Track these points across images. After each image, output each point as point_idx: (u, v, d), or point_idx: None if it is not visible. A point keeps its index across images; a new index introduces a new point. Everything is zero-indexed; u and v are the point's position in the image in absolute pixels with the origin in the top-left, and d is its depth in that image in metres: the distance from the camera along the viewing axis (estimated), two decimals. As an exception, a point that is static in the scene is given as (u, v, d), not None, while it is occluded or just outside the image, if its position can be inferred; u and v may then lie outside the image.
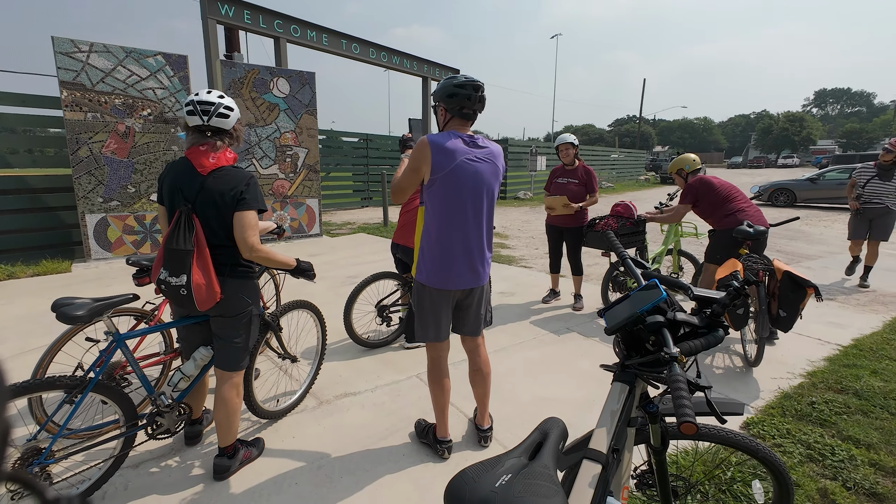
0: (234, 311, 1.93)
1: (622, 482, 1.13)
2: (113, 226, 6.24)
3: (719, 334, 1.08)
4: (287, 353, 2.53)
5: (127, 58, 6.09)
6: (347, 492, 1.96)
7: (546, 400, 2.70)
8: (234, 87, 7.21)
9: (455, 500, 0.77)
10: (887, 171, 4.93)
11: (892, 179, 4.90)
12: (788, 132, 58.62)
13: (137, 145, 6.27)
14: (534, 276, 5.58)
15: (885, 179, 4.92)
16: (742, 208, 3.46)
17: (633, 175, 27.21)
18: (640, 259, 1.41)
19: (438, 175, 1.86)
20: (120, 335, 1.86)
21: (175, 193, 1.82)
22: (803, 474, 2.01)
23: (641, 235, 4.21)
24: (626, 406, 1.15)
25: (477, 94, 1.91)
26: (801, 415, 2.49)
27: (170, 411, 1.98)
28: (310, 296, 4.39)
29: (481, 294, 2.12)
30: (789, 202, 13.52)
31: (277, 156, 7.79)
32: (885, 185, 4.91)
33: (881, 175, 4.96)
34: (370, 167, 12.87)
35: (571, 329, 3.84)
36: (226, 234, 1.85)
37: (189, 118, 1.82)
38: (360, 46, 11.06)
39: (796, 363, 3.15)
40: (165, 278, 1.79)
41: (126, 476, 2.03)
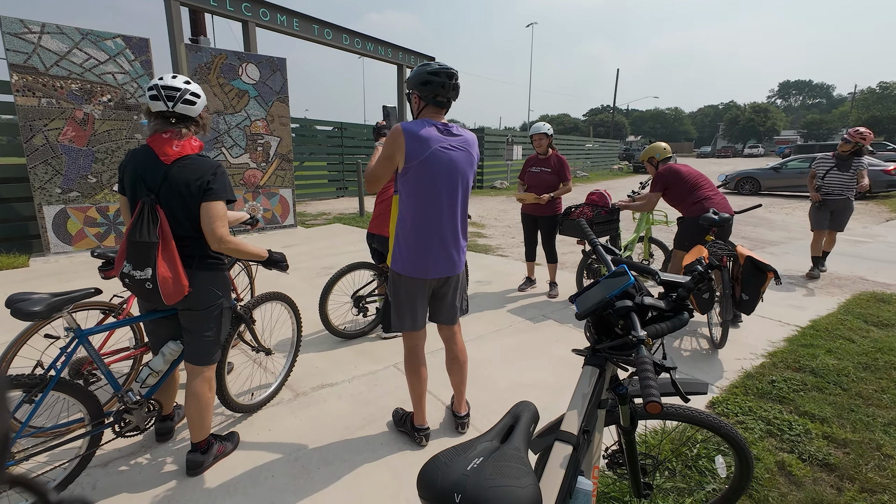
0: (203, 305, 1.88)
1: (593, 462, 1.17)
2: (73, 218, 5.95)
3: (684, 317, 1.11)
4: (261, 346, 2.49)
5: (83, 40, 5.76)
6: (325, 482, 1.96)
7: (522, 386, 2.75)
8: (200, 72, 6.94)
9: (427, 485, 0.78)
10: (845, 162, 4.91)
11: (850, 170, 4.88)
12: (754, 122, 60.60)
13: (97, 133, 5.97)
14: (510, 265, 5.64)
15: (844, 170, 4.90)
16: (709, 196, 3.58)
17: (607, 164, 27.67)
18: (610, 246, 1.44)
19: (413, 163, 1.84)
20: (82, 331, 1.79)
21: (137, 183, 1.75)
22: (763, 448, 2.12)
23: (615, 223, 4.30)
24: (596, 389, 1.18)
25: (451, 82, 1.89)
26: (762, 393, 2.62)
27: (138, 408, 1.92)
28: (285, 287, 4.32)
29: (457, 282, 2.13)
30: (754, 190, 14.04)
31: (248, 145, 7.57)
32: (844, 175, 4.89)
33: (839, 166, 4.93)
34: (345, 156, 12.64)
35: (547, 316, 3.90)
36: (192, 226, 1.78)
37: (152, 103, 1.73)
38: (332, 32, 10.79)
39: (758, 344, 3.30)
40: (129, 272, 1.73)
41: (94, 475, 1.97)
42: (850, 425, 2.30)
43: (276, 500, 1.85)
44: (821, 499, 1.82)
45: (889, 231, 7.55)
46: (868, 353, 3.07)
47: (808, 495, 1.85)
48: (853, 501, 1.81)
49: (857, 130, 4.88)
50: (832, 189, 4.96)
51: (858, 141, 4.81)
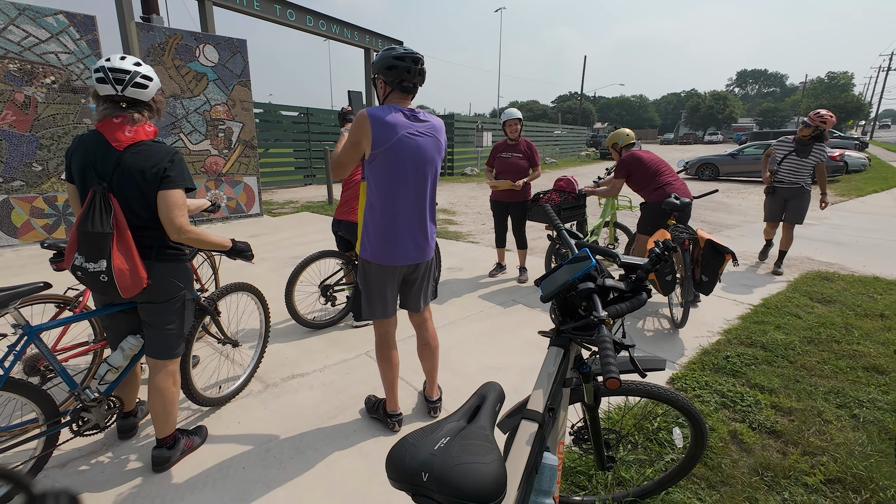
0: (164, 297, 1.82)
1: (558, 438, 1.21)
2: (18, 209, 5.58)
3: (643, 297, 1.16)
4: (227, 338, 2.44)
5: (20, 16, 5.33)
6: (297, 471, 1.95)
7: (493, 369, 2.81)
8: (153, 53, 6.56)
9: (396, 466, 0.79)
10: (805, 147, 4.52)
11: (809, 156, 4.50)
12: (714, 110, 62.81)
13: (41, 118, 5.58)
14: (480, 251, 5.69)
15: (803, 156, 4.51)
16: (669, 181, 3.70)
17: (575, 151, 28.13)
18: (574, 231, 1.48)
19: (379, 150, 1.82)
20: (31, 327, 1.70)
21: (87, 170, 1.65)
22: (717, 419, 2.26)
23: (582, 209, 4.40)
24: (561, 368, 1.22)
25: (416, 67, 1.87)
26: (717, 368, 2.77)
27: (97, 405, 1.85)
28: (252, 278, 4.22)
29: (427, 269, 2.13)
30: (713, 176, 14.63)
31: (209, 130, 7.25)
32: (803, 161, 4.51)
33: (799, 151, 4.54)
34: (312, 143, 12.33)
35: (517, 301, 3.98)
36: (149, 215, 1.71)
37: (99, 86, 1.63)
38: (296, 13, 10.42)
39: (715, 322, 3.48)
40: (81, 264, 1.64)
41: (52, 476, 1.89)
42: (794, 395, 2.48)
43: (247, 492, 1.84)
44: (768, 463, 1.96)
45: (833, 214, 8.04)
46: (812, 328, 3.29)
47: (756, 460, 1.98)
48: (796, 464, 1.95)
49: (817, 113, 4.44)
50: (786, 176, 4.62)
51: (819, 125, 4.41)
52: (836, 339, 3.13)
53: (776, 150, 4.77)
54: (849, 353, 2.92)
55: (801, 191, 4.60)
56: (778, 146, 4.77)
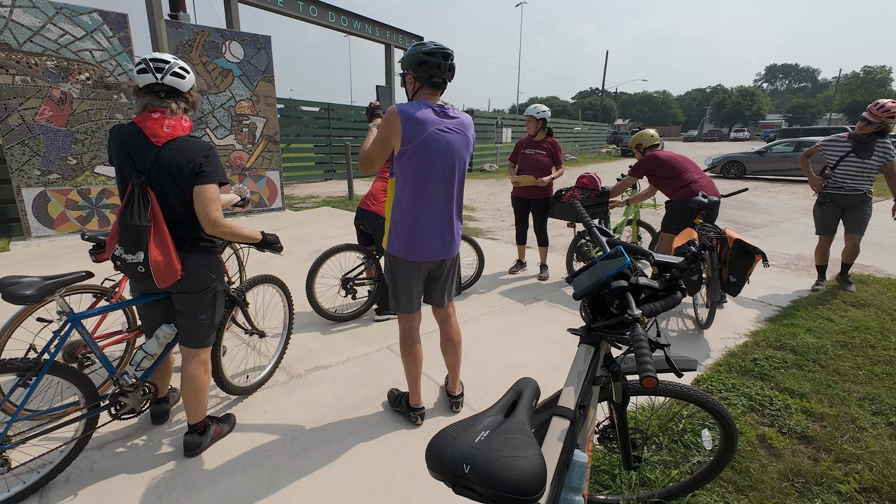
0: (197, 288, 1.87)
1: (587, 436, 1.21)
2: (54, 201, 5.79)
3: (678, 296, 1.15)
4: (254, 329, 2.49)
5: (58, 14, 5.52)
6: (323, 461, 1.99)
7: (514, 365, 2.81)
8: (181, 50, 6.71)
9: (436, 457, 0.80)
10: (866, 146, 3.77)
11: (872, 156, 3.75)
12: (741, 106, 61.03)
13: (76, 113, 5.78)
14: (501, 248, 5.67)
15: (864, 157, 3.75)
16: (696, 179, 3.62)
17: (596, 148, 27.74)
18: (606, 228, 1.47)
19: (409, 146, 1.83)
20: (74, 315, 1.77)
21: (125, 163, 1.70)
22: (745, 423, 2.22)
23: (604, 206, 4.35)
24: (591, 366, 1.22)
25: (447, 63, 1.87)
26: (745, 370, 2.72)
27: (134, 391, 1.92)
28: (275, 271, 4.30)
29: (452, 265, 2.14)
30: (739, 174, 14.23)
31: (234, 125, 7.39)
32: (864, 163, 3.75)
33: (858, 151, 3.78)
34: (332, 138, 12.45)
35: (538, 298, 3.96)
36: (184, 209, 1.76)
37: (140, 77, 1.68)
38: (318, 9, 10.51)
39: (741, 324, 3.40)
40: (121, 255, 1.70)
41: (91, 458, 1.98)
42: (827, 400, 2.41)
43: (275, 479, 1.88)
44: (799, 469, 1.91)
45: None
46: (846, 332, 3.19)
47: (786, 466, 1.94)
48: (829, 471, 1.90)
49: (880, 106, 3.67)
50: (846, 181, 3.85)
51: (885, 120, 3.66)
52: (872, 343, 3.02)
53: (827, 152, 3.99)
54: (885, 359, 2.82)
55: (864, 198, 3.86)
56: (829, 146, 4.00)
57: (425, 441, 2.12)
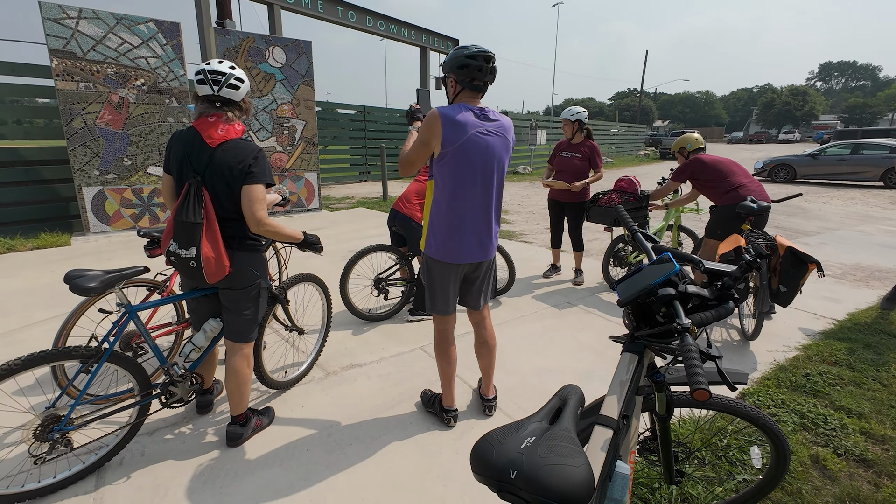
0: (243, 284, 1.95)
1: (629, 447, 1.18)
2: (111, 199, 6.18)
3: (730, 306, 1.10)
4: (294, 325, 2.57)
5: (118, 25, 5.89)
6: (357, 458, 2.03)
7: (548, 371, 2.76)
8: (228, 55, 7.01)
9: (482, 461, 0.80)
10: None
11: None
12: (791, 106, 57.82)
13: (132, 117, 6.14)
14: (534, 251, 5.61)
15: None
16: (743, 183, 3.46)
17: (633, 150, 26.99)
18: (650, 234, 1.42)
19: (449, 148, 1.84)
20: (132, 306, 1.88)
21: (184, 164, 1.80)
22: (796, 442, 2.09)
23: (644, 211, 4.22)
24: (634, 375, 1.18)
25: (488, 66, 1.87)
26: (796, 386, 2.57)
27: (182, 381, 2.01)
28: (312, 270, 4.41)
29: (488, 268, 2.14)
30: (789, 178, 13.49)
31: (275, 128, 7.66)
32: None
33: None
34: (368, 140, 12.67)
35: (572, 303, 3.89)
36: (234, 208, 1.84)
37: (199, 87, 1.78)
38: (356, 14, 10.73)
39: (792, 336, 3.22)
40: (175, 250, 1.80)
41: (142, 443, 2.09)
42: (889, 422, 2.24)
43: (311, 473, 1.93)
44: (857, 494, 1.79)
45: (935, 222, 7.17)
46: (910, 349, 2.96)
47: (843, 490, 1.82)
48: (891, 498, 1.77)
49: None
50: None
51: None
52: (940, 362, 2.79)
53: None
54: (956, 380, 2.60)
55: None
56: None
57: (458, 443, 2.12)
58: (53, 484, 1.76)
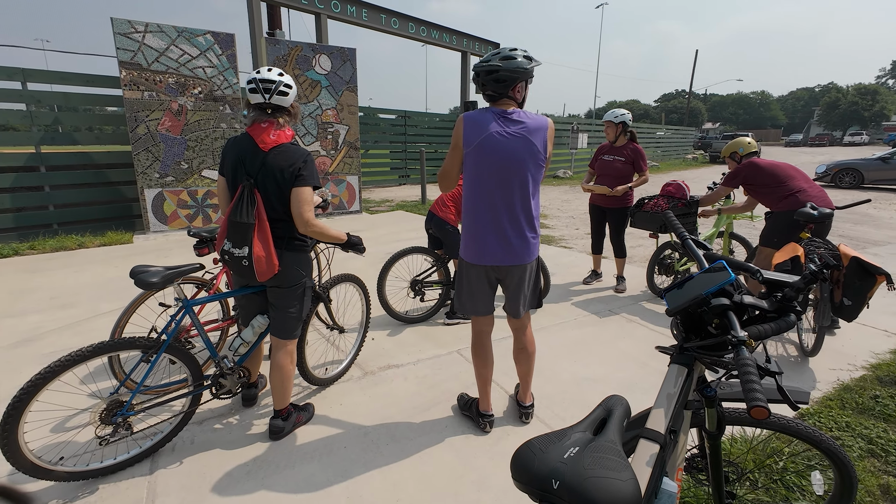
0: (290, 283, 2.02)
1: (676, 464, 1.12)
2: (168, 200, 6.59)
3: (791, 319, 1.03)
4: (335, 324, 2.64)
5: (179, 37, 6.29)
6: (393, 458, 2.05)
7: (587, 380, 2.69)
8: (277, 64, 7.33)
9: (523, 470, 0.79)
10: None
11: None
12: (858, 106, 53.64)
13: (189, 123, 6.53)
14: (574, 257, 5.49)
15: None
16: (803, 188, 3.23)
17: (680, 153, 25.90)
18: (702, 241, 1.36)
19: (468, 149, 1.90)
20: (188, 301, 1.99)
21: (238, 168, 1.90)
22: (863, 469, 1.93)
23: (693, 217, 4.04)
24: (683, 389, 1.13)
25: (479, 78, 1.89)
26: (863, 408, 2.37)
27: (231, 374, 2.11)
28: (350, 270, 4.51)
29: (523, 274, 2.06)
30: (855, 183, 12.51)
31: (319, 133, 7.92)
32: None
33: None
34: (408, 144, 12.86)
35: (613, 311, 3.77)
36: (283, 209, 1.92)
37: (251, 96, 1.88)
38: (399, 21, 10.93)
39: (858, 354, 2.98)
40: (229, 249, 1.89)
41: (192, 431, 2.21)
42: (974, 453, 2.02)
43: (348, 470, 1.97)
44: (935, 531, 1.63)
45: None
46: None
47: (918, 525, 1.66)
48: (977, 538, 1.60)
49: None
50: None
51: None
52: None
53: None
54: None
55: None
56: None
57: (493, 449, 2.10)
58: (114, 465, 1.89)
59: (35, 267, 4.94)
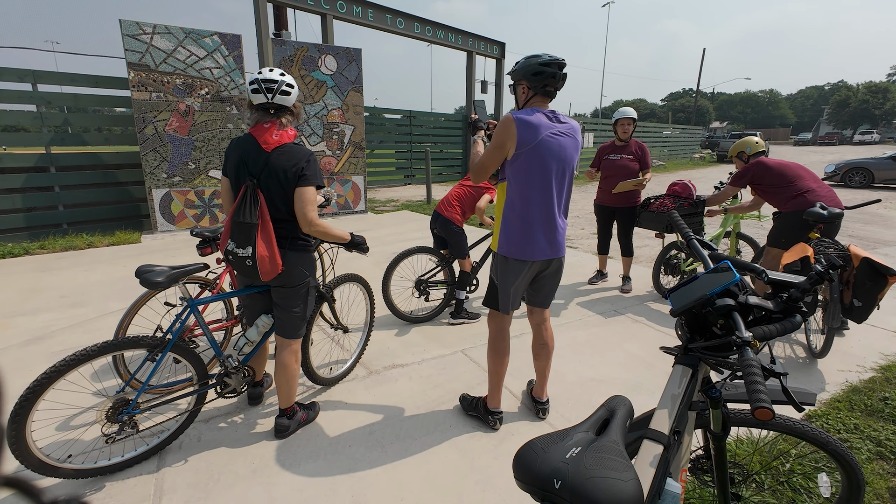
0: (293, 282, 2.03)
1: (681, 465, 1.12)
2: (176, 200, 6.64)
3: (796, 320, 1.02)
4: (340, 324, 2.64)
5: (186, 38, 6.34)
6: (397, 456, 2.05)
7: (593, 381, 2.68)
8: (284, 64, 7.37)
9: (525, 469, 0.79)
10: None
11: None
12: (869, 105, 52.97)
13: (196, 123, 6.58)
14: (579, 257, 5.47)
15: None
16: (812, 188, 3.20)
17: (688, 153, 25.70)
18: (707, 241, 1.35)
19: (524, 149, 1.90)
20: (193, 301, 2.01)
21: (241, 168, 1.91)
22: (872, 471, 1.91)
23: (699, 217, 4.01)
24: (688, 389, 1.12)
25: (561, 73, 1.95)
26: (872, 410, 2.34)
27: (236, 373, 2.13)
28: (355, 270, 4.53)
29: (559, 266, 2.15)
30: (866, 182, 12.36)
31: (325, 133, 7.95)
32: None
33: None
34: (413, 144, 12.86)
35: (619, 312, 3.75)
36: (286, 209, 1.93)
37: (254, 96, 1.88)
38: (404, 21, 10.94)
39: (867, 356, 2.94)
40: (233, 249, 1.91)
41: (199, 429, 2.22)
42: None
43: (353, 469, 1.97)
44: (945, 535, 1.60)
45: None
46: None
47: (928, 529, 1.63)
48: None
49: None
50: None
51: None
52: None
53: None
54: None
55: None
56: None
57: (498, 449, 2.10)
58: (121, 462, 1.91)
59: (45, 266, 5.00)
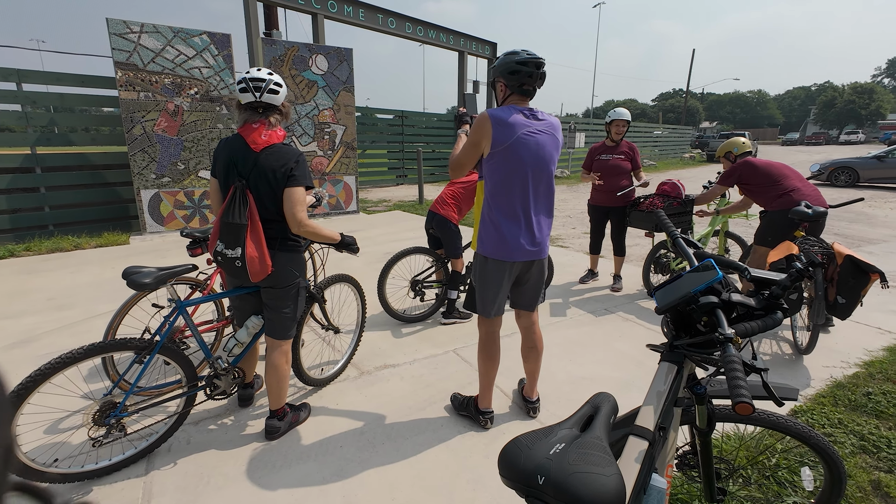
0: (283, 283, 2.02)
1: (666, 460, 1.13)
2: (165, 201, 6.57)
3: (778, 317, 1.04)
4: (331, 325, 2.64)
5: (175, 37, 6.28)
6: (389, 457, 2.05)
7: (584, 379, 2.70)
8: (274, 64, 7.32)
9: (509, 466, 0.80)
10: None
11: None
12: (855, 105, 53.88)
13: (186, 123, 6.52)
14: (570, 256, 5.50)
15: None
16: (797, 187, 3.25)
17: (678, 153, 25.95)
18: (692, 239, 1.37)
19: (499, 148, 1.88)
20: (182, 302, 1.99)
21: (230, 169, 1.90)
22: (855, 465, 1.94)
23: (688, 216, 4.05)
24: (673, 386, 1.14)
25: (538, 72, 1.92)
26: (855, 405, 2.38)
27: (226, 374, 2.11)
28: (348, 271, 4.52)
29: (542, 267, 2.13)
30: (851, 182, 12.57)
31: (316, 133, 7.92)
32: None
33: None
34: (405, 144, 12.85)
35: (610, 310, 3.78)
36: (276, 209, 1.92)
37: (242, 95, 1.87)
38: (396, 21, 10.92)
39: (851, 352, 3.00)
40: (222, 250, 1.89)
41: (188, 432, 2.21)
42: (964, 449, 2.04)
43: (344, 469, 1.97)
44: (925, 526, 1.64)
45: None
46: None
47: (909, 520, 1.67)
48: (966, 533, 1.61)
49: None
50: None
51: None
52: None
53: None
54: None
55: None
56: None
57: (488, 447, 2.11)
58: (109, 466, 1.89)
59: (31, 268, 4.92)
